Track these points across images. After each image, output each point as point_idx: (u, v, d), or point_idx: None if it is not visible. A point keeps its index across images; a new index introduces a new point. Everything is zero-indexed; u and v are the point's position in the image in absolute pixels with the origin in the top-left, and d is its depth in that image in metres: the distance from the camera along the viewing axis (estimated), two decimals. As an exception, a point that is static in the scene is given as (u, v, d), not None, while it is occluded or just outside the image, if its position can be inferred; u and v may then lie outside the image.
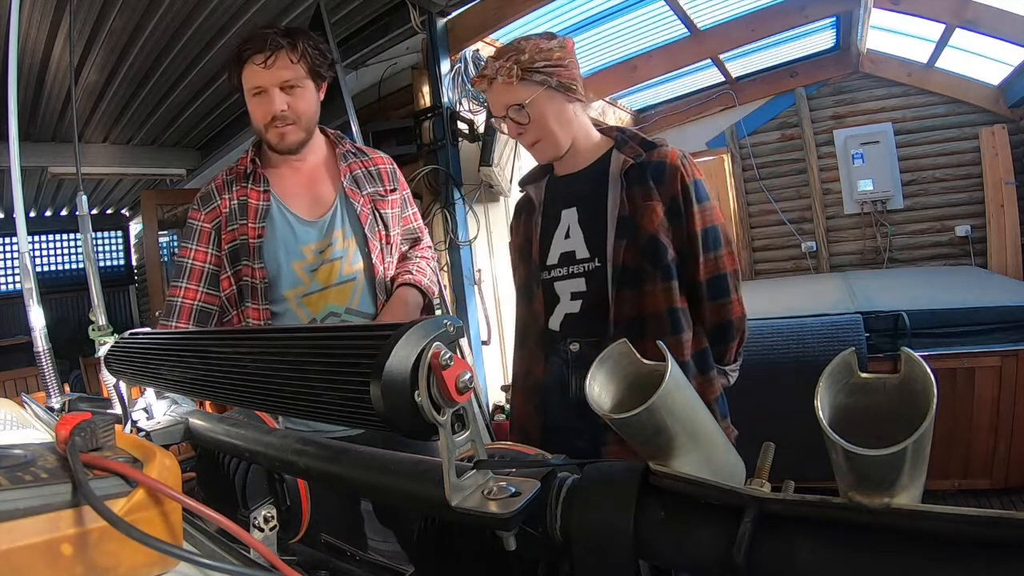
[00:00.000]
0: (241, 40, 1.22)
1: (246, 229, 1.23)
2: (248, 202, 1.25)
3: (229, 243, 1.25)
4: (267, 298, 1.23)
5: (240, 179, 1.28)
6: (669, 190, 1.10)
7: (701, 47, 3.74)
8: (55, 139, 3.90)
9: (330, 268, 1.26)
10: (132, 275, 7.40)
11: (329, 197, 1.30)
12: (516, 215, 1.33)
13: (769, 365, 2.42)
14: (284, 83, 1.21)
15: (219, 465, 0.75)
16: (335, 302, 1.27)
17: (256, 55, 1.19)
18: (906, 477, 0.29)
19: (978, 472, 2.38)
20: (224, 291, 1.26)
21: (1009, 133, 3.93)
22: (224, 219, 1.25)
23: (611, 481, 0.41)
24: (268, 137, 1.26)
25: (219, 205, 1.26)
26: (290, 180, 1.30)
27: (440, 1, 2.70)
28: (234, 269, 1.25)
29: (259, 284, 1.23)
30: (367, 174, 1.35)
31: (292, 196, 1.29)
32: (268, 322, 1.23)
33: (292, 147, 1.27)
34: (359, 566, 0.74)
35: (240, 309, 1.26)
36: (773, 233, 4.84)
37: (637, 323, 1.10)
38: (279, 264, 1.24)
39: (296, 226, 1.27)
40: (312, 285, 1.26)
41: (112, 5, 2.45)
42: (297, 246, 1.26)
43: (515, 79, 1.09)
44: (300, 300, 1.26)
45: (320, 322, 1.25)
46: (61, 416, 0.44)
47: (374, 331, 0.44)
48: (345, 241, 1.28)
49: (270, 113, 1.22)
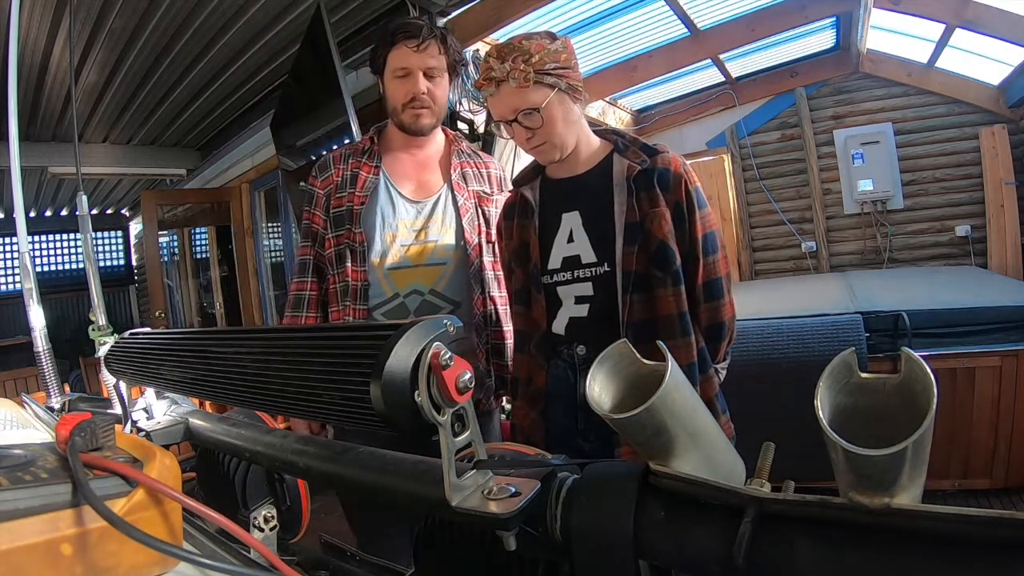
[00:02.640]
0: (395, 24, 1.31)
1: (352, 197, 1.32)
2: (359, 174, 1.34)
3: (335, 208, 1.33)
4: (365, 261, 1.30)
5: (356, 154, 1.37)
6: (674, 196, 1.12)
7: (701, 47, 3.74)
8: (55, 139, 3.90)
9: (422, 248, 1.32)
10: (132, 275, 7.40)
11: (436, 185, 1.37)
12: (507, 216, 1.31)
13: (769, 365, 2.42)
14: (428, 69, 1.29)
15: (219, 465, 0.75)
16: (422, 281, 1.32)
17: (409, 39, 1.27)
18: (906, 477, 0.29)
19: (978, 472, 2.38)
20: (325, 251, 1.35)
21: (1009, 133, 3.93)
22: (335, 187, 1.35)
23: (611, 481, 0.41)
24: (403, 117, 1.33)
25: (332, 174, 1.36)
26: (404, 163, 1.38)
27: (440, 1, 2.70)
28: (336, 232, 1.33)
29: (358, 247, 1.30)
30: (477, 173, 1.42)
31: (401, 177, 1.36)
32: (365, 284, 1.30)
33: (424, 129, 1.34)
34: (359, 566, 0.74)
35: (339, 270, 1.33)
36: (773, 233, 4.84)
37: (649, 327, 1.11)
38: (373, 230, 1.31)
39: (397, 201, 1.33)
40: (402, 261, 1.31)
41: (112, 5, 2.45)
42: (395, 219, 1.32)
43: (530, 83, 1.08)
44: (387, 272, 1.31)
45: (403, 297, 1.31)
46: (61, 416, 0.44)
47: (374, 331, 0.44)
48: (443, 227, 1.34)
49: (411, 93, 1.29)
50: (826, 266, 4.61)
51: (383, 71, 1.33)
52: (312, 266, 1.38)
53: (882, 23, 3.75)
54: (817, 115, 4.61)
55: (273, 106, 3.29)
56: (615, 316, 1.12)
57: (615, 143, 1.19)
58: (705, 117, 4.95)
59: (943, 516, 0.29)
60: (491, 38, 2.89)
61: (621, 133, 1.22)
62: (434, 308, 1.31)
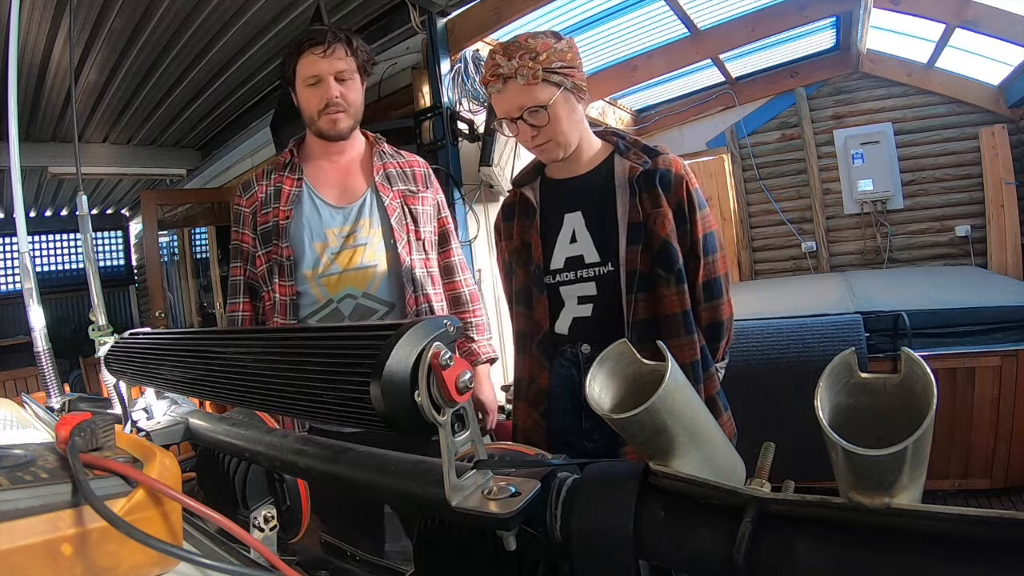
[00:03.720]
0: (300, 34, 1.34)
1: (277, 212, 1.33)
2: (282, 188, 1.35)
3: (262, 225, 1.35)
4: (292, 275, 1.32)
5: (279, 169, 1.38)
6: (675, 197, 1.13)
7: (701, 47, 3.74)
8: (55, 139, 3.90)
9: (352, 253, 1.33)
10: (132, 275, 7.40)
11: (360, 189, 1.38)
12: (506, 216, 1.31)
13: (769, 365, 2.42)
14: (339, 73, 1.31)
15: (219, 465, 0.75)
16: (353, 285, 1.32)
17: (316, 46, 1.29)
18: (906, 477, 0.29)
19: (978, 472, 2.38)
20: (257, 268, 1.37)
21: (1009, 133, 3.93)
22: (260, 203, 1.36)
23: (611, 481, 0.41)
24: (320, 124, 1.34)
25: (256, 191, 1.38)
26: (326, 171, 1.39)
27: (440, 1, 2.70)
28: (266, 249, 1.34)
29: (286, 262, 1.31)
30: (401, 173, 1.43)
31: (325, 185, 1.37)
32: (293, 298, 1.32)
33: (343, 133, 1.36)
34: (359, 566, 0.74)
35: (270, 287, 1.35)
36: (773, 233, 4.84)
37: (653, 325, 1.12)
38: (302, 243, 1.32)
39: (323, 210, 1.34)
40: (332, 267, 1.32)
41: (112, 5, 2.45)
42: (322, 228, 1.33)
43: (538, 80, 1.09)
44: (319, 280, 1.32)
45: (336, 302, 1.32)
46: (61, 416, 0.44)
47: (374, 331, 0.44)
48: (371, 230, 1.35)
49: (325, 99, 1.31)
50: (826, 266, 4.61)
51: (294, 82, 1.34)
52: (243, 286, 1.40)
53: (882, 23, 3.75)
54: (817, 115, 4.61)
55: (273, 106, 3.28)
56: (619, 315, 1.13)
57: (616, 144, 1.20)
58: (705, 117, 4.95)
59: (943, 516, 0.29)
60: (491, 38, 2.89)
61: (622, 134, 1.22)
62: (368, 311, 1.32)
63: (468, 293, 1.51)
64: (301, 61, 1.31)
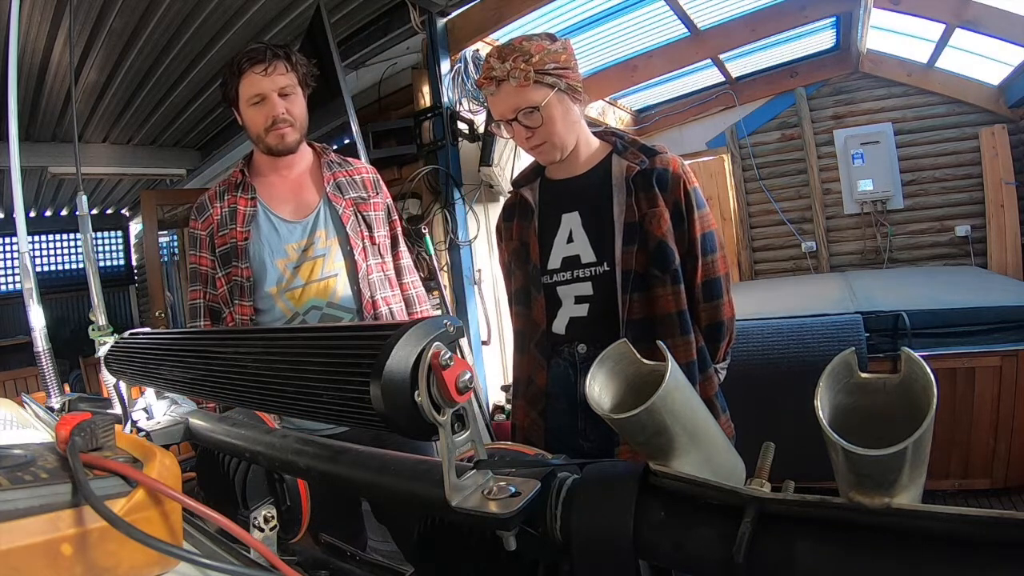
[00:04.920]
0: (236, 55, 1.33)
1: (235, 233, 1.34)
2: (237, 209, 1.35)
3: (221, 247, 1.36)
4: (252, 295, 1.33)
5: (231, 189, 1.39)
6: (672, 196, 1.13)
7: (701, 47, 3.74)
8: (55, 139, 3.90)
9: (312, 265, 1.35)
10: (132, 275, 7.40)
11: (313, 201, 1.39)
12: (506, 217, 1.32)
13: (769, 365, 2.42)
14: (281, 89, 1.32)
15: (219, 465, 0.75)
16: (317, 296, 1.34)
17: (256, 65, 1.30)
18: (906, 477, 0.29)
19: (978, 472, 2.38)
20: (218, 290, 1.37)
21: (1009, 133, 3.93)
22: (216, 226, 1.37)
23: (611, 481, 0.41)
24: (268, 140, 1.35)
25: (211, 214, 1.38)
26: (277, 187, 1.41)
27: (440, 1, 2.70)
28: (225, 271, 1.35)
29: (246, 283, 1.33)
30: (351, 181, 1.45)
31: (278, 201, 1.39)
32: (253, 318, 1.34)
33: (291, 147, 1.37)
34: (359, 566, 0.74)
35: (231, 308, 1.36)
36: (773, 233, 4.84)
37: (648, 326, 1.12)
38: (264, 262, 1.33)
39: (280, 227, 1.36)
40: (295, 281, 1.34)
41: (112, 5, 2.45)
42: (281, 245, 1.35)
43: (530, 82, 1.09)
44: (283, 295, 1.34)
45: (302, 315, 1.34)
46: (61, 416, 0.44)
47: (374, 331, 0.44)
48: (328, 240, 1.37)
49: (271, 116, 1.32)
50: (826, 266, 4.61)
51: (237, 103, 1.35)
52: (203, 309, 1.41)
53: (882, 23, 3.74)
54: (817, 115, 4.61)
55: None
56: (615, 315, 1.13)
57: (614, 144, 1.20)
58: (705, 117, 4.95)
59: (943, 516, 0.29)
60: (491, 38, 2.89)
61: (620, 134, 1.22)
62: (335, 319, 1.34)
63: (416, 294, 1.55)
64: (243, 81, 1.31)
